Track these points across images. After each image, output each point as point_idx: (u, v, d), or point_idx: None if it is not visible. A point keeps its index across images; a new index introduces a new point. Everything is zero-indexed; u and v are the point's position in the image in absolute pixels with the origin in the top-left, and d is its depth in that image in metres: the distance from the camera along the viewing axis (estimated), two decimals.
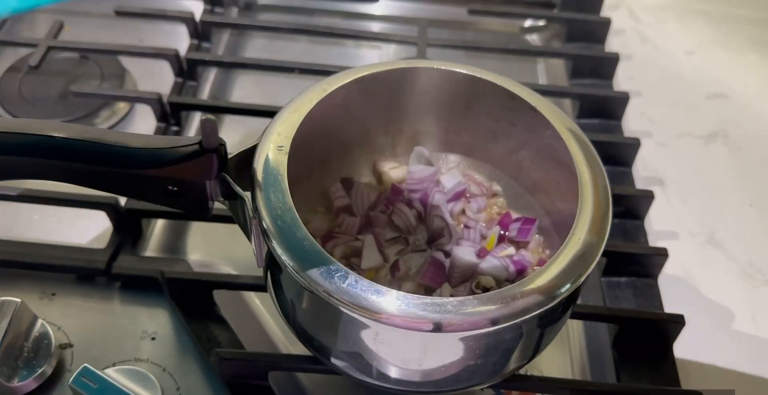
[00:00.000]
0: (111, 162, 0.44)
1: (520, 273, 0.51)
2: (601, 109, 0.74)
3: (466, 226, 0.55)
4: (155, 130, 0.69)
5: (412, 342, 0.41)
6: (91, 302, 0.56)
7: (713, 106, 0.78)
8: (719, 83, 0.80)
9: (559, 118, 0.49)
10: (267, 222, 0.42)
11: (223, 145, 0.44)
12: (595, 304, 0.59)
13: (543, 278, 0.41)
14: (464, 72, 0.51)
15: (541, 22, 0.88)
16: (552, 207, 0.52)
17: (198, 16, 0.78)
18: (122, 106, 0.73)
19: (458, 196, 0.56)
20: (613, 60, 0.77)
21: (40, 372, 0.49)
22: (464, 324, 0.39)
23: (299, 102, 0.49)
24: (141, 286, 0.57)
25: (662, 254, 0.59)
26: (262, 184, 0.44)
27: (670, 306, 0.59)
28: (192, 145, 0.44)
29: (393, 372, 0.44)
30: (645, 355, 0.56)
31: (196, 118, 0.73)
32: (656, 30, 0.87)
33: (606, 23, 0.81)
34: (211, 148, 0.44)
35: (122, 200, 0.59)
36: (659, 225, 0.66)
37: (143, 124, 0.72)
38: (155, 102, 0.68)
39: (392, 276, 0.51)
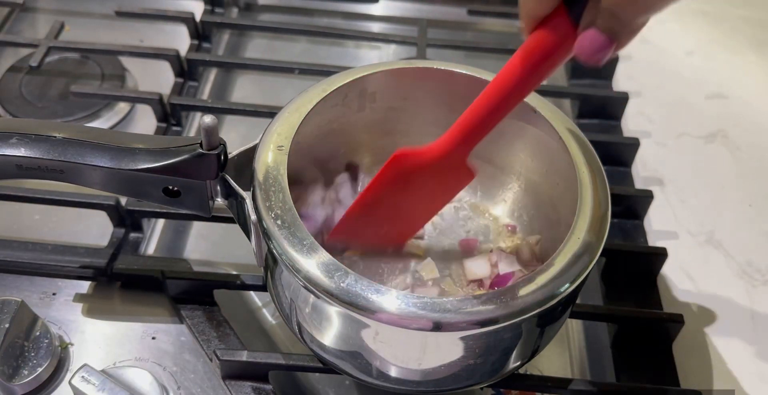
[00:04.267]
0: (111, 162, 0.44)
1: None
2: (601, 109, 0.74)
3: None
4: (156, 130, 0.69)
5: (412, 341, 0.41)
6: (91, 302, 0.56)
7: (713, 106, 0.78)
8: (719, 83, 0.80)
9: (559, 118, 0.49)
10: (267, 222, 0.42)
11: (223, 144, 0.45)
12: (595, 304, 0.59)
13: (542, 278, 0.41)
14: (464, 72, 0.52)
15: None
16: (551, 207, 0.53)
17: (198, 17, 0.78)
18: (123, 106, 0.73)
19: None
20: (612, 60, 0.77)
21: (40, 371, 0.49)
22: (464, 323, 0.39)
23: (299, 102, 0.49)
24: (141, 286, 0.57)
25: (661, 254, 0.59)
26: (262, 184, 0.44)
27: (669, 306, 0.59)
28: (192, 145, 0.44)
29: (393, 372, 0.44)
30: (644, 355, 0.56)
31: (196, 118, 0.73)
32: (656, 30, 0.87)
33: None
34: (211, 148, 0.44)
35: (123, 200, 0.59)
36: (658, 225, 0.66)
37: (144, 124, 0.72)
38: (156, 102, 0.68)
39: None
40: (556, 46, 0.39)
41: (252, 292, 0.60)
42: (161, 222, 0.64)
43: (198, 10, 0.81)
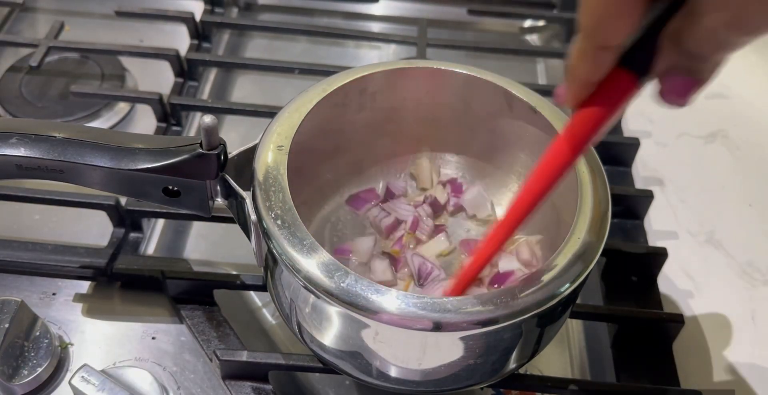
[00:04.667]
0: (111, 162, 0.44)
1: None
2: None
3: None
4: (155, 130, 0.69)
5: (412, 341, 0.41)
6: (91, 302, 0.56)
7: (713, 106, 0.78)
8: (719, 83, 0.79)
9: (559, 118, 0.49)
10: (267, 222, 0.42)
11: (223, 144, 0.45)
12: (595, 304, 0.59)
13: (542, 278, 0.41)
14: (464, 72, 0.52)
15: (541, 22, 0.88)
16: (551, 207, 0.52)
17: (198, 16, 0.78)
18: (122, 106, 0.73)
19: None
20: None
21: (40, 371, 0.50)
22: (464, 323, 0.39)
23: (299, 102, 0.49)
24: (141, 286, 0.57)
25: (662, 254, 0.59)
26: (262, 184, 0.44)
27: (669, 306, 0.59)
28: (192, 144, 0.44)
29: (393, 372, 0.44)
30: (645, 355, 0.56)
31: (196, 118, 0.73)
32: None
33: None
34: (211, 148, 0.44)
35: (123, 200, 0.59)
36: (658, 225, 0.66)
37: (143, 124, 0.72)
38: (156, 102, 0.68)
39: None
40: (618, 104, 0.33)
41: (252, 292, 0.60)
42: (161, 222, 0.64)
43: (198, 10, 0.81)
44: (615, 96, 0.33)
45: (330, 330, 0.43)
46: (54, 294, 0.57)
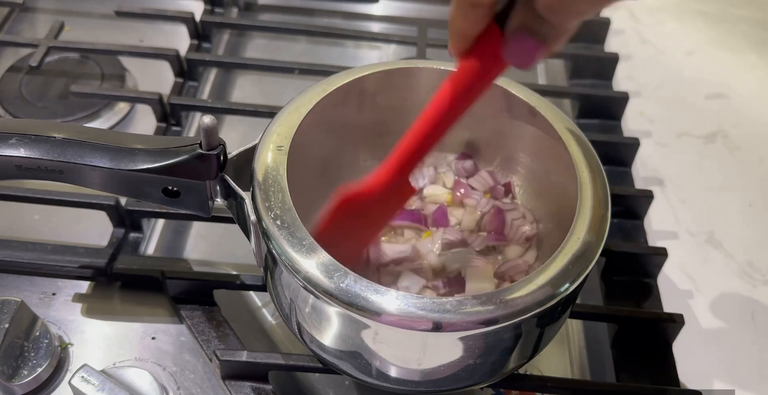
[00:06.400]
0: (110, 162, 0.44)
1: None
2: (601, 109, 0.74)
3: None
4: (155, 130, 0.69)
5: (412, 341, 0.41)
6: (91, 302, 0.56)
7: (713, 106, 0.78)
8: (719, 83, 0.80)
9: (559, 118, 0.49)
10: (267, 222, 0.42)
11: (222, 145, 0.45)
12: (595, 304, 0.59)
13: (542, 278, 0.41)
14: None
15: None
16: (551, 206, 0.53)
17: (198, 16, 0.78)
18: (122, 106, 0.73)
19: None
20: (612, 60, 0.77)
21: (40, 371, 0.50)
22: (463, 323, 0.39)
23: (299, 102, 0.49)
24: (141, 286, 0.57)
25: (661, 254, 0.59)
26: (262, 184, 0.44)
27: (669, 306, 0.59)
28: (192, 145, 0.44)
29: (393, 372, 0.44)
30: (644, 355, 0.56)
31: (196, 118, 0.73)
32: (656, 30, 0.87)
33: (606, 23, 0.81)
34: (211, 148, 0.44)
35: (122, 200, 0.59)
36: (658, 225, 0.66)
37: (143, 124, 0.72)
38: (155, 102, 0.68)
39: None
40: (493, 65, 0.37)
41: (252, 292, 0.60)
42: (161, 222, 0.64)
43: (198, 10, 0.81)
44: (491, 50, 0.36)
45: (330, 331, 0.43)
46: (54, 294, 0.57)
